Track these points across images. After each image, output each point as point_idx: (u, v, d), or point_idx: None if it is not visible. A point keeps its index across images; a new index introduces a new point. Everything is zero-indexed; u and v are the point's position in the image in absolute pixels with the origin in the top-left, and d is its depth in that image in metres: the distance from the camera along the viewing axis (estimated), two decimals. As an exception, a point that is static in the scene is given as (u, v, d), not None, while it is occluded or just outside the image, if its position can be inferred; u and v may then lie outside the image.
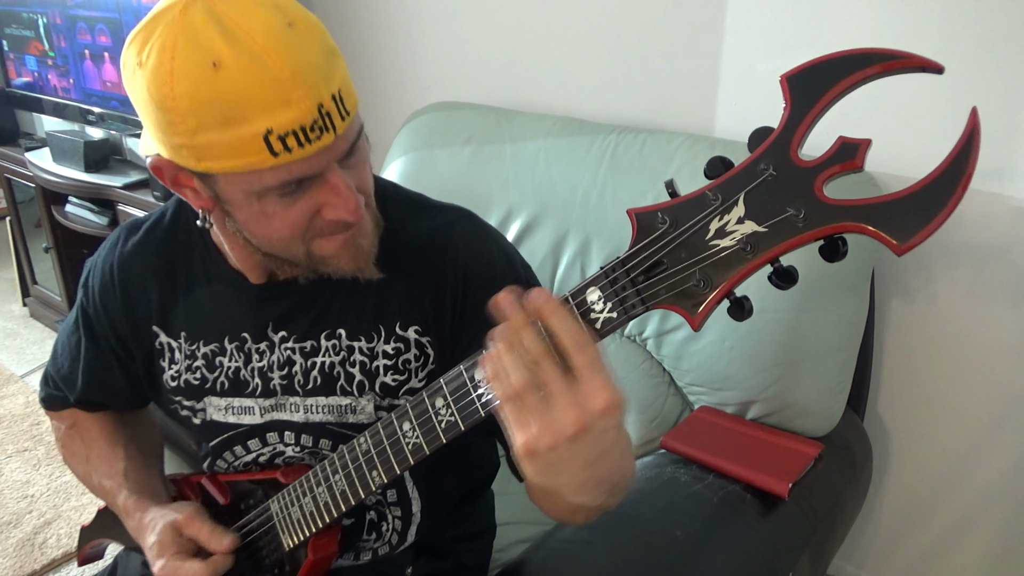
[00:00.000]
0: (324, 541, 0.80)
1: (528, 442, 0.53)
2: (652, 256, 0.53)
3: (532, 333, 0.53)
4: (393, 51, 1.99)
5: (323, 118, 0.63)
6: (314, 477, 0.77)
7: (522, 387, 0.53)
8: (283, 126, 0.61)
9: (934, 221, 0.45)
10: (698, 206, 0.52)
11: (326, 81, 0.63)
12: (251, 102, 0.60)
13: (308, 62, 0.62)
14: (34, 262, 2.90)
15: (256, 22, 0.61)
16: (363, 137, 0.72)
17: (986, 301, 1.24)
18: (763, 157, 0.50)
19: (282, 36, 0.61)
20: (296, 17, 0.63)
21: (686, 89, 1.47)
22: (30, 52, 2.44)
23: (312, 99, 0.62)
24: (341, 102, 0.65)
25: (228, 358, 0.85)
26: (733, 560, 0.95)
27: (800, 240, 0.49)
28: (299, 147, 0.63)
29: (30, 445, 2.19)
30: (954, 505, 1.38)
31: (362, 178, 0.72)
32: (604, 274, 0.55)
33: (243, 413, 0.86)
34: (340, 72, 0.66)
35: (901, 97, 1.21)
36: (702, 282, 0.52)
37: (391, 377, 0.81)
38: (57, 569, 1.76)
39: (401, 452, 0.68)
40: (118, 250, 0.88)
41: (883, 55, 0.47)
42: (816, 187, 0.48)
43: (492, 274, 0.80)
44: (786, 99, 0.49)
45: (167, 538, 0.81)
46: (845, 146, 0.48)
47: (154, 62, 0.61)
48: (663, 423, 1.26)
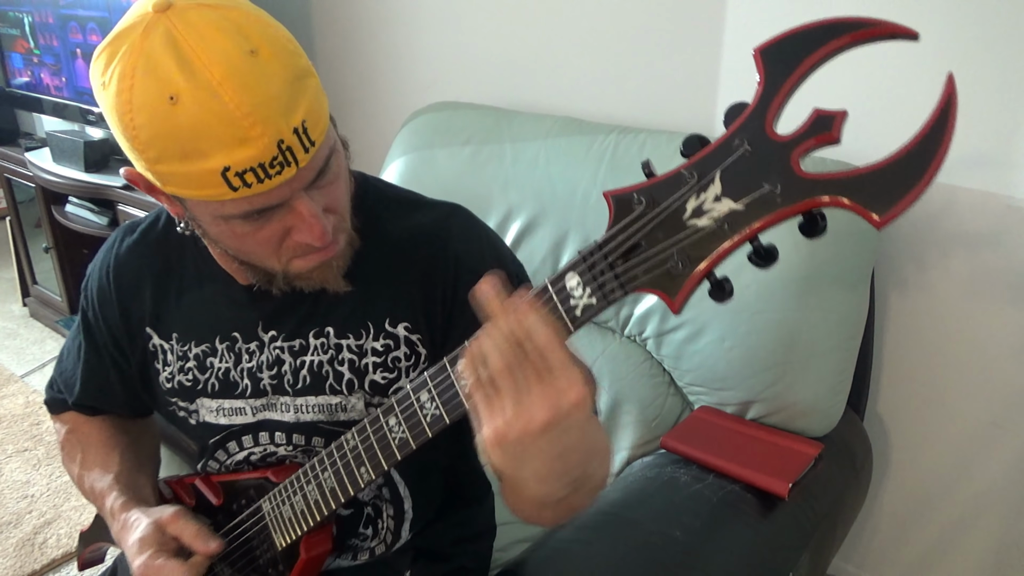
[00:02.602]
0: (317, 539, 0.80)
1: (498, 429, 0.53)
2: (629, 238, 0.52)
3: (511, 321, 0.53)
4: (393, 51, 1.99)
5: (283, 153, 0.61)
6: (304, 476, 0.77)
7: (498, 372, 0.53)
8: (240, 164, 0.60)
9: (912, 192, 0.44)
10: (674, 185, 0.51)
11: (287, 115, 0.61)
12: (208, 139, 0.59)
13: (268, 96, 0.60)
14: (34, 262, 2.90)
15: (215, 51, 0.58)
16: (337, 154, 0.70)
17: (986, 301, 1.24)
18: (738, 133, 0.48)
19: (241, 67, 0.59)
20: (260, 42, 0.60)
21: (686, 89, 1.47)
22: (16, 50, 2.49)
23: (271, 136, 0.60)
24: (304, 133, 0.62)
25: (219, 359, 0.85)
26: (733, 560, 0.95)
27: (778, 216, 0.48)
28: (258, 183, 0.61)
29: (30, 445, 2.19)
30: (954, 505, 1.38)
31: (334, 196, 0.71)
32: (582, 258, 0.54)
33: (235, 414, 0.86)
34: (308, 98, 0.63)
35: (902, 96, 1.21)
36: (680, 263, 0.50)
37: (380, 375, 0.81)
38: (57, 569, 1.76)
39: (388, 447, 0.68)
40: (114, 252, 0.89)
41: (854, 23, 0.46)
42: (792, 161, 0.47)
43: (482, 271, 0.80)
44: (760, 72, 0.48)
45: (149, 535, 0.79)
46: (820, 119, 0.47)
47: (115, 88, 0.60)
48: (663, 423, 1.26)
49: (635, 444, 1.26)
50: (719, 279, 0.51)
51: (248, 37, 0.60)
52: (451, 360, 0.62)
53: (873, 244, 1.15)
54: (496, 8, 1.73)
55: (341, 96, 2.17)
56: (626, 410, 1.27)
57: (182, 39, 0.58)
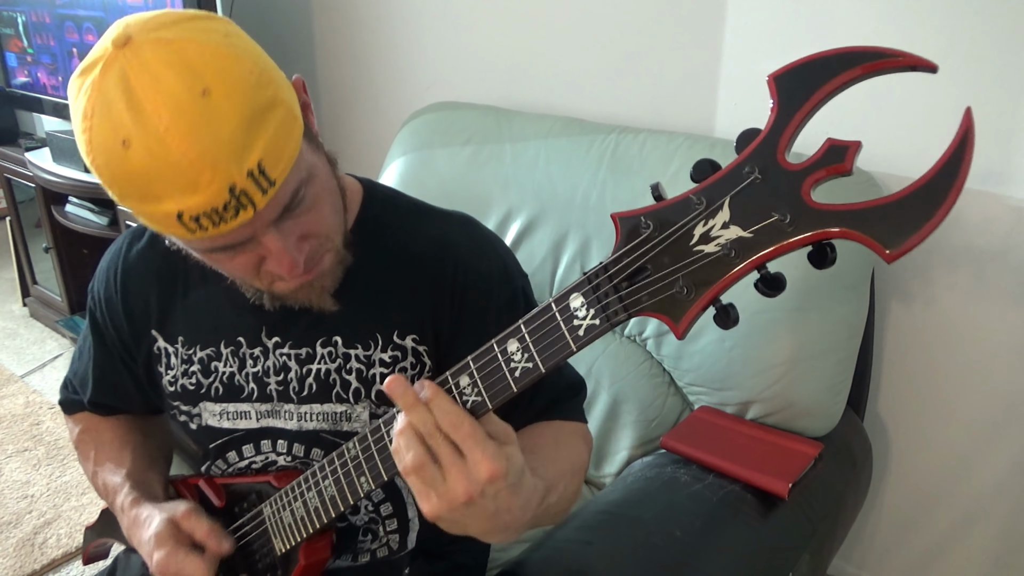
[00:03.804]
0: (316, 546, 0.80)
1: (430, 509, 0.59)
2: (635, 262, 0.52)
3: (420, 414, 0.59)
4: (393, 51, 1.99)
5: (236, 199, 0.59)
6: (305, 482, 0.77)
7: (414, 465, 0.59)
8: (192, 210, 0.59)
9: (924, 227, 0.43)
10: (682, 210, 0.50)
11: (239, 159, 0.58)
12: (160, 184, 0.58)
13: (217, 140, 0.57)
14: (34, 262, 2.90)
15: (164, 94, 0.57)
16: (313, 180, 0.67)
17: (986, 301, 1.24)
18: (749, 160, 0.48)
19: (189, 112, 0.57)
20: (214, 80, 0.58)
21: (686, 89, 1.47)
22: (11, 49, 2.51)
23: (221, 182, 0.58)
24: (262, 174, 0.60)
25: (223, 363, 0.85)
26: (733, 560, 0.95)
27: (786, 246, 0.47)
28: (214, 227, 0.60)
29: (30, 445, 2.19)
30: (954, 505, 1.38)
31: (312, 222, 0.69)
32: (587, 280, 0.54)
33: (239, 418, 0.86)
34: (268, 135, 0.60)
35: (902, 97, 1.21)
36: (686, 289, 0.50)
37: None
38: (57, 569, 1.76)
39: (389, 458, 0.67)
40: (122, 256, 0.89)
41: (874, 53, 0.45)
42: (803, 191, 0.46)
43: (490, 286, 0.81)
44: (773, 99, 0.48)
45: (164, 531, 0.79)
46: (833, 148, 0.46)
47: (79, 126, 0.60)
48: (663, 423, 1.26)
49: (635, 444, 1.26)
50: (724, 305, 0.51)
51: (201, 76, 0.57)
52: (453, 373, 0.62)
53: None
54: (496, 8, 1.73)
55: (341, 96, 2.17)
56: (626, 410, 1.27)
57: (135, 79, 0.57)
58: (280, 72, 0.65)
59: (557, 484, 0.71)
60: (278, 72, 0.64)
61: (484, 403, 0.60)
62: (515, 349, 0.58)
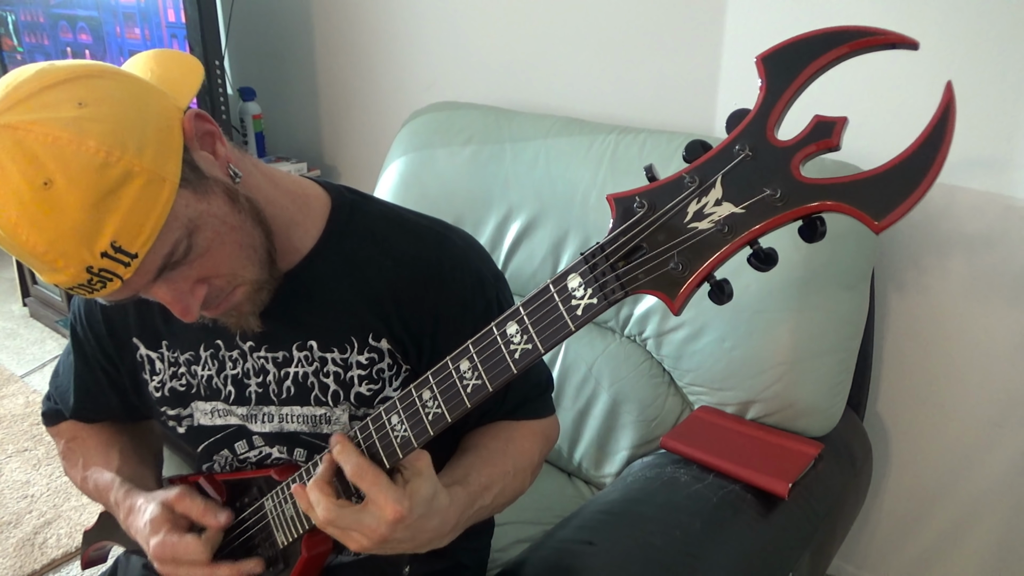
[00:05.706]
0: (318, 539, 0.81)
1: (355, 548, 0.68)
2: (631, 241, 0.53)
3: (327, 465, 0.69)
4: (393, 51, 1.99)
5: (98, 275, 0.60)
6: (307, 475, 0.77)
7: (326, 520, 0.67)
8: (63, 284, 0.61)
9: (910, 197, 0.45)
10: (675, 189, 0.52)
11: (89, 244, 0.58)
12: (29, 263, 0.61)
13: (65, 229, 0.57)
14: (34, 262, 2.90)
15: (8, 188, 0.57)
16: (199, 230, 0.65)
17: (985, 301, 1.24)
18: (739, 138, 0.49)
19: (31, 206, 0.57)
20: (55, 170, 0.56)
21: (686, 89, 1.47)
22: (1, 48, 2.55)
23: (76, 266, 0.59)
24: (119, 251, 0.59)
25: (202, 366, 0.86)
26: (733, 560, 0.95)
27: (778, 220, 0.49)
28: (90, 295, 0.63)
29: (30, 445, 2.19)
30: (954, 505, 1.38)
31: (207, 268, 0.68)
32: (584, 260, 0.55)
33: (229, 415, 0.87)
34: (120, 214, 0.58)
35: (903, 96, 1.21)
36: (681, 265, 0.51)
37: (366, 387, 0.82)
38: (57, 569, 1.76)
39: (390, 446, 0.69)
40: None
41: (857, 32, 0.47)
42: (793, 167, 0.48)
43: (464, 301, 0.81)
44: (762, 79, 0.49)
45: (159, 515, 0.80)
46: (820, 124, 0.48)
47: None
48: (663, 423, 1.26)
49: (635, 444, 1.26)
50: (719, 281, 0.52)
51: (42, 166, 0.56)
52: (453, 358, 0.64)
53: (873, 244, 1.15)
54: (496, 8, 1.73)
55: (341, 96, 2.17)
56: (626, 410, 1.27)
57: None
58: (149, 129, 0.61)
59: (492, 486, 0.78)
60: (141, 134, 0.60)
61: (484, 386, 0.62)
62: (514, 331, 0.60)
